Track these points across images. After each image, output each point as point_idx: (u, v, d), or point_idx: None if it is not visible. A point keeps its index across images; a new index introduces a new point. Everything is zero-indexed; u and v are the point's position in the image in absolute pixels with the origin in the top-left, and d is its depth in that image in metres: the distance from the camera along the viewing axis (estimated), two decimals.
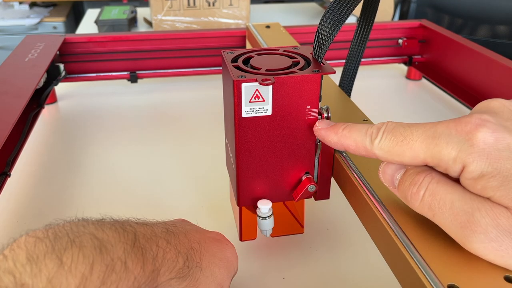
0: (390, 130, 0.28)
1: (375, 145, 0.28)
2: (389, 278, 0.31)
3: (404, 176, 0.28)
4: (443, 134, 0.26)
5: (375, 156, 0.29)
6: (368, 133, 0.29)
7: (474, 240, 0.24)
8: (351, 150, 0.31)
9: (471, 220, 0.24)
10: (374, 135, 0.29)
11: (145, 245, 0.27)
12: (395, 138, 0.27)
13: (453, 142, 0.25)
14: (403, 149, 0.27)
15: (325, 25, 0.35)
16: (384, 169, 0.29)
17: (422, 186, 0.26)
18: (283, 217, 0.42)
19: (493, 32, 1.34)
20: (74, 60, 0.77)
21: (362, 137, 0.29)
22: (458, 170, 0.25)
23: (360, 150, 0.30)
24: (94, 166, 0.59)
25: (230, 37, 0.80)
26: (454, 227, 0.25)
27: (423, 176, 0.27)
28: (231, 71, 0.34)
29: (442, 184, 0.26)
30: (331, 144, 0.32)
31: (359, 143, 0.30)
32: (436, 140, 0.26)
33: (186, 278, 0.30)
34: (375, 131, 0.29)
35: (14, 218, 0.49)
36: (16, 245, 0.23)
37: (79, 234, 0.25)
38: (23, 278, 0.21)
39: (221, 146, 0.56)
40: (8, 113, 0.50)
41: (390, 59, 0.87)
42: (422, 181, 0.27)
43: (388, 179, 0.29)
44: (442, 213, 0.25)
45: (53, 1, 2.24)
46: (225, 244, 0.36)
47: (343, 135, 0.31)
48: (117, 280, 0.24)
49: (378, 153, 0.28)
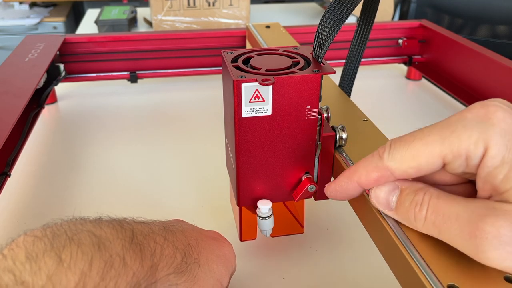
0: (396, 139, 0.27)
1: (386, 158, 0.27)
2: (389, 278, 0.31)
3: (401, 197, 0.27)
4: (458, 121, 0.24)
5: (389, 171, 0.27)
6: (375, 154, 0.27)
7: (487, 248, 0.22)
8: (363, 180, 0.28)
9: (480, 227, 0.22)
10: (381, 151, 0.27)
11: (143, 242, 0.28)
12: (405, 143, 0.26)
13: (471, 125, 0.24)
14: (417, 148, 0.25)
15: (325, 25, 0.35)
16: (376, 193, 0.28)
17: (424, 204, 0.25)
18: (283, 217, 0.42)
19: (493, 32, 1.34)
20: (74, 60, 0.77)
21: (370, 160, 0.28)
22: (480, 155, 0.23)
23: (371, 174, 0.28)
24: (94, 166, 0.59)
25: (230, 37, 0.81)
26: (463, 240, 0.23)
27: (422, 194, 0.26)
28: (231, 71, 0.34)
29: (443, 199, 0.25)
30: (344, 188, 0.30)
31: (368, 166, 0.28)
32: (452, 127, 0.24)
33: (185, 274, 0.30)
34: (381, 148, 0.27)
35: (14, 218, 0.49)
36: (15, 244, 0.23)
37: (77, 232, 0.25)
38: (23, 276, 0.22)
39: (221, 146, 0.56)
40: (8, 113, 0.50)
41: (390, 59, 0.87)
42: (422, 199, 0.25)
43: (382, 202, 0.28)
44: (448, 228, 0.24)
45: (53, 1, 2.24)
46: (222, 242, 0.37)
47: (351, 171, 0.29)
48: (116, 276, 0.24)
49: (391, 164, 0.26)
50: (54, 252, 0.23)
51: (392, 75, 0.90)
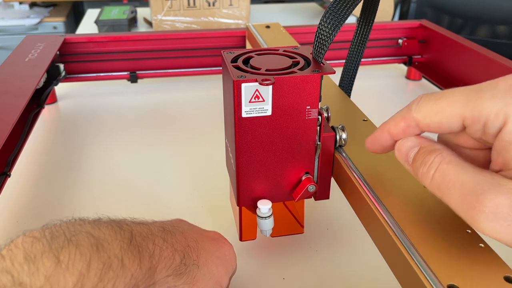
0: (427, 95, 0.27)
1: (413, 109, 0.27)
2: (389, 278, 0.31)
3: (417, 154, 0.28)
4: (489, 88, 0.24)
5: (414, 122, 0.28)
6: (407, 106, 0.29)
7: (482, 220, 0.23)
8: (392, 130, 0.29)
9: (480, 200, 0.23)
10: (412, 103, 0.28)
11: (142, 243, 0.28)
12: (433, 97, 0.27)
13: (499, 95, 0.24)
14: (442, 104, 0.26)
15: (325, 25, 0.35)
16: (399, 146, 0.29)
17: (432, 166, 0.26)
18: (283, 217, 0.42)
19: (493, 32, 1.34)
20: (74, 60, 0.77)
21: (401, 111, 0.29)
22: (498, 126, 0.24)
23: (399, 124, 0.29)
24: (94, 166, 0.59)
25: (230, 37, 0.80)
26: (462, 208, 0.24)
27: (433, 155, 0.26)
28: (231, 71, 0.34)
29: (454, 165, 0.25)
30: (378, 139, 0.31)
31: (397, 117, 0.29)
32: (480, 93, 0.25)
33: (183, 276, 0.30)
34: (412, 101, 0.28)
35: (14, 218, 0.49)
36: (13, 245, 0.23)
37: (75, 233, 0.25)
38: (21, 277, 0.22)
39: (221, 146, 0.56)
40: (8, 113, 0.50)
41: (390, 59, 0.87)
42: (432, 161, 0.26)
43: (402, 156, 0.29)
44: (451, 195, 0.25)
45: (53, 1, 2.24)
46: (222, 243, 0.37)
47: (385, 123, 0.30)
48: (114, 277, 0.24)
49: (416, 115, 0.27)
50: (52, 253, 0.23)
51: (392, 75, 0.90)
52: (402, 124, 0.28)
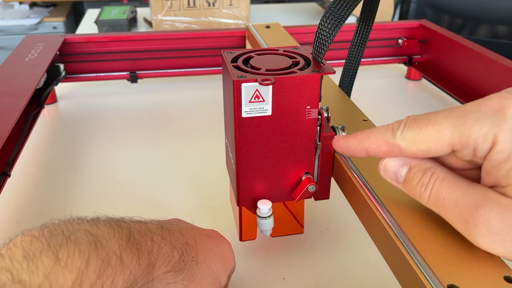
0: (412, 119, 0.27)
1: (398, 136, 0.27)
2: (389, 278, 0.31)
3: (410, 174, 0.28)
4: (472, 112, 0.25)
5: (398, 149, 0.28)
6: (389, 127, 0.28)
7: (477, 235, 0.24)
8: (372, 150, 0.29)
9: (474, 216, 0.24)
10: (396, 127, 0.28)
11: (140, 240, 0.28)
12: (418, 125, 0.26)
13: (484, 117, 0.24)
14: (428, 133, 0.26)
15: (325, 25, 0.35)
16: (386, 165, 0.29)
17: (429, 185, 0.27)
18: (283, 217, 0.42)
19: (493, 32, 1.34)
20: (74, 60, 0.77)
21: (383, 132, 0.28)
22: (487, 148, 0.24)
23: (381, 147, 0.28)
24: (94, 166, 0.59)
25: (230, 37, 0.81)
26: (458, 223, 0.25)
27: (429, 174, 0.27)
28: (231, 71, 0.34)
29: (447, 182, 0.26)
30: (351, 149, 0.31)
31: (380, 139, 0.28)
32: (465, 117, 0.25)
33: (182, 272, 0.30)
34: (396, 124, 0.28)
35: (14, 218, 0.49)
36: (12, 244, 0.24)
37: (74, 231, 0.25)
38: (20, 275, 0.22)
39: (221, 146, 0.56)
40: (8, 113, 0.50)
41: (390, 59, 0.87)
42: (429, 180, 0.27)
43: (390, 176, 0.29)
44: (447, 211, 0.26)
45: (53, 1, 2.24)
46: (220, 241, 0.37)
47: (363, 137, 0.30)
48: (113, 274, 0.24)
49: (401, 144, 0.27)
50: (51, 251, 0.23)
51: (392, 75, 0.90)
52: (384, 148, 0.28)
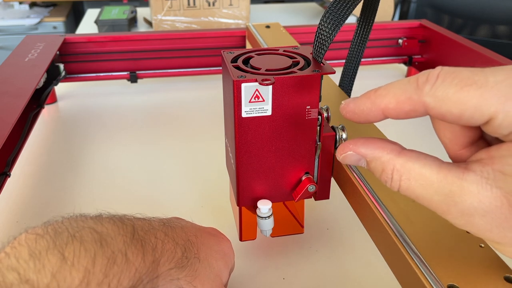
0: (449, 72, 0.22)
1: (425, 92, 0.22)
2: (389, 278, 0.31)
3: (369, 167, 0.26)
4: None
5: (423, 107, 0.22)
6: (412, 80, 0.23)
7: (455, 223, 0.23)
8: (390, 111, 0.24)
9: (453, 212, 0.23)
10: (422, 80, 0.22)
11: (144, 237, 0.28)
12: (459, 82, 0.21)
13: None
14: (471, 95, 0.20)
15: (325, 25, 0.35)
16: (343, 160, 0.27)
17: (395, 181, 0.24)
18: (283, 217, 0.42)
19: (493, 32, 1.34)
20: (74, 60, 0.77)
21: (404, 87, 0.23)
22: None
23: (403, 106, 0.23)
24: (94, 166, 0.59)
25: (230, 37, 0.81)
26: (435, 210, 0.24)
27: (390, 172, 0.24)
28: (231, 71, 0.34)
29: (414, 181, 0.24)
30: (365, 113, 0.25)
31: (400, 96, 0.23)
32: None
33: (186, 268, 0.30)
34: (422, 76, 0.22)
35: (14, 218, 0.49)
36: (17, 242, 0.23)
37: (78, 229, 0.25)
38: (27, 274, 0.22)
39: (221, 146, 0.56)
40: (8, 113, 0.50)
41: (390, 59, 0.87)
42: (392, 177, 0.24)
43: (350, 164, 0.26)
44: (422, 202, 0.24)
45: (53, 1, 2.24)
46: (221, 238, 0.37)
47: (378, 95, 0.24)
48: (119, 272, 0.24)
49: (428, 101, 0.22)
50: (57, 249, 0.23)
51: (392, 75, 0.90)
52: (407, 107, 0.23)
